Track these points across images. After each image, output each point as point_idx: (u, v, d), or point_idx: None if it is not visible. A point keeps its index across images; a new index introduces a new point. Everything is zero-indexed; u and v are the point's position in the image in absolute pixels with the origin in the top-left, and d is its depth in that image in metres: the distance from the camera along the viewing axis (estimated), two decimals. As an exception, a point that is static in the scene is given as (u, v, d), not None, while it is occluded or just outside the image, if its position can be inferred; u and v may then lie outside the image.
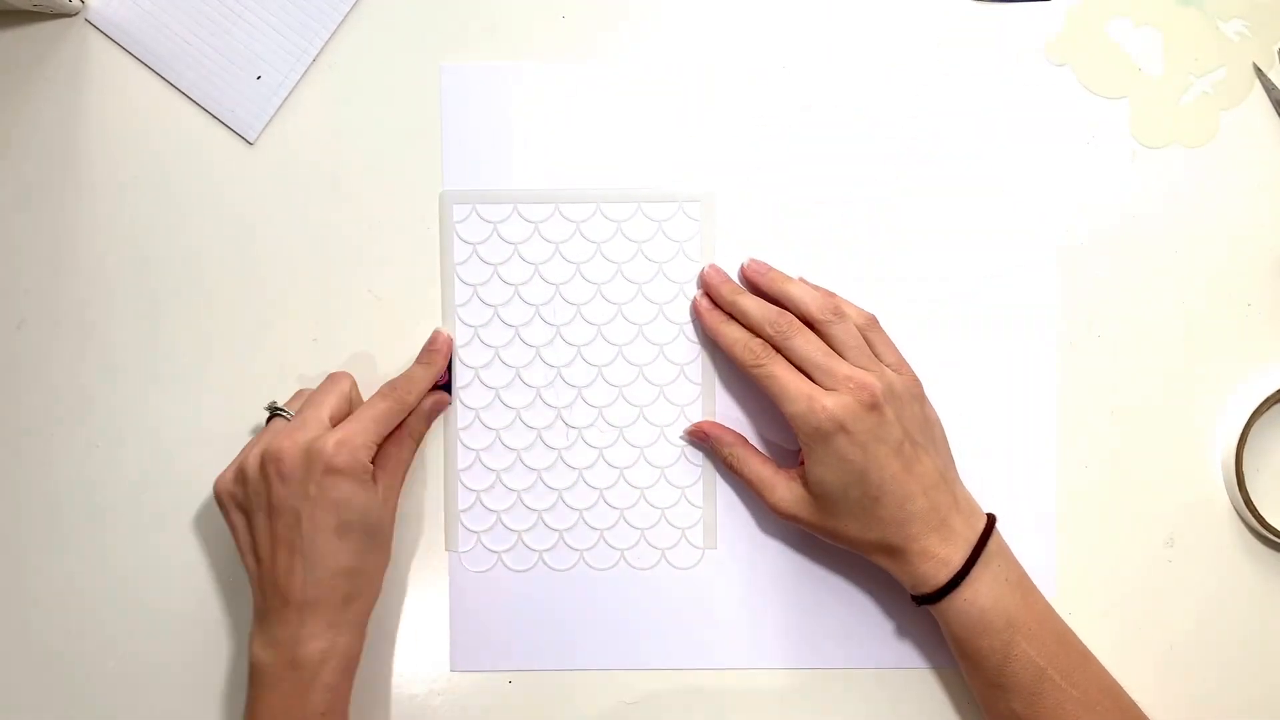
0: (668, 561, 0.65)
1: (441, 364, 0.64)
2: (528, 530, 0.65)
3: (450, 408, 0.65)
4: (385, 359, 0.65)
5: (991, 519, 0.60)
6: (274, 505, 0.58)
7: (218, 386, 0.65)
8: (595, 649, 0.65)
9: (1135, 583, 0.65)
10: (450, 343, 0.65)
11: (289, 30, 0.65)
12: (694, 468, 0.65)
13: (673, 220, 0.65)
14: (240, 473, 0.59)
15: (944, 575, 0.58)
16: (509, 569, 0.65)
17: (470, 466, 0.65)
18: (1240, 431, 0.63)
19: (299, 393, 0.64)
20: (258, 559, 0.59)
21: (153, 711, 0.64)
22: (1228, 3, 0.65)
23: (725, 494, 0.65)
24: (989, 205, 0.65)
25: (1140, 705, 0.59)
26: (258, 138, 0.65)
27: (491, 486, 0.65)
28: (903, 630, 0.64)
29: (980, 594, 0.58)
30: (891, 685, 0.65)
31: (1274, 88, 0.65)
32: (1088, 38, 0.65)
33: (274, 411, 0.62)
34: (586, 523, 0.65)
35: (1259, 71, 0.65)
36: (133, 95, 0.65)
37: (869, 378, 0.59)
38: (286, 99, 0.66)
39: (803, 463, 0.60)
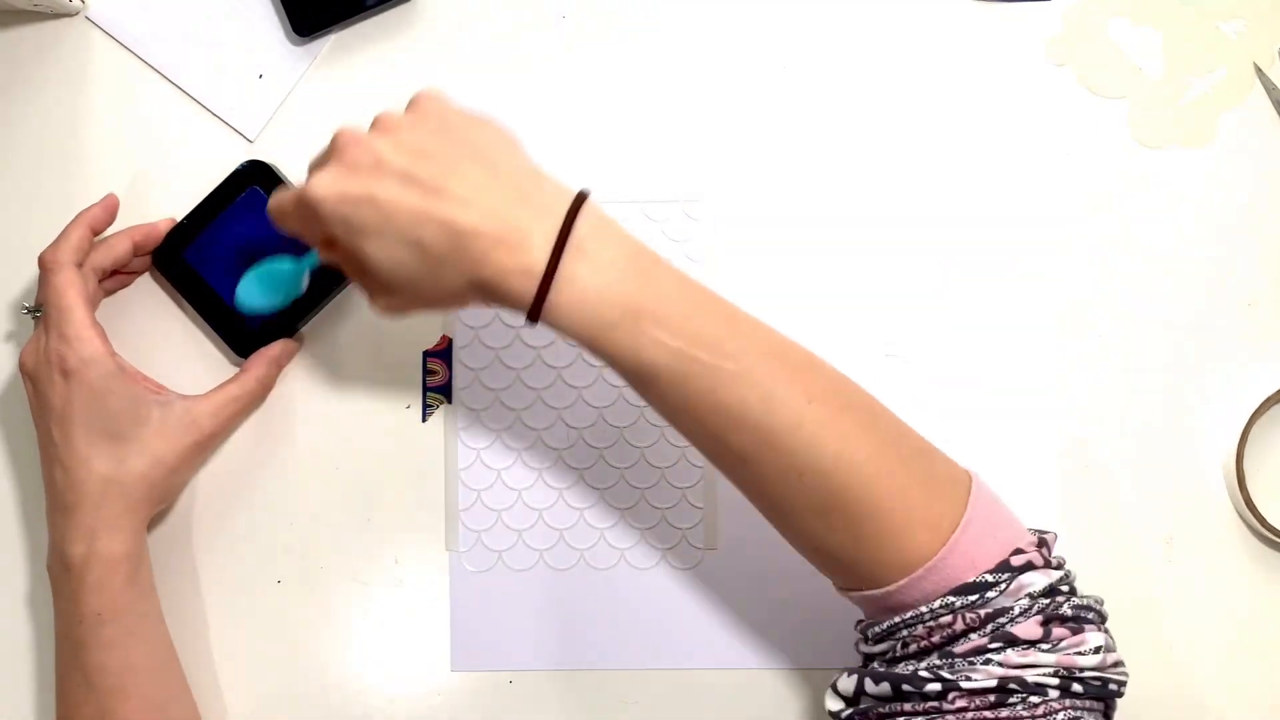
0: (668, 562, 0.65)
1: (99, 215, 0.62)
2: (528, 529, 0.65)
3: (451, 408, 0.65)
4: (386, 359, 0.65)
5: (580, 196, 0.50)
6: (35, 417, 0.60)
7: (205, 382, 0.65)
8: (595, 649, 0.65)
9: (1135, 583, 0.65)
10: (116, 203, 0.63)
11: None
12: (694, 469, 0.65)
13: (673, 220, 0.65)
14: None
15: (529, 285, 0.48)
16: (509, 568, 0.65)
17: (471, 466, 0.65)
18: (1240, 431, 0.63)
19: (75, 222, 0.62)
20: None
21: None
22: (1228, 3, 0.65)
23: (726, 495, 0.65)
24: (989, 205, 0.65)
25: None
26: (258, 136, 0.65)
27: (492, 485, 0.65)
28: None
29: (581, 289, 0.48)
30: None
31: (1274, 88, 0.65)
32: (1088, 38, 0.66)
33: (29, 311, 0.62)
34: (587, 522, 0.65)
35: (1259, 71, 0.65)
36: (133, 95, 0.65)
37: (343, 130, 0.51)
38: (286, 99, 0.66)
39: None
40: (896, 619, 0.50)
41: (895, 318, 0.65)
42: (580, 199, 0.50)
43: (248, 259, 0.64)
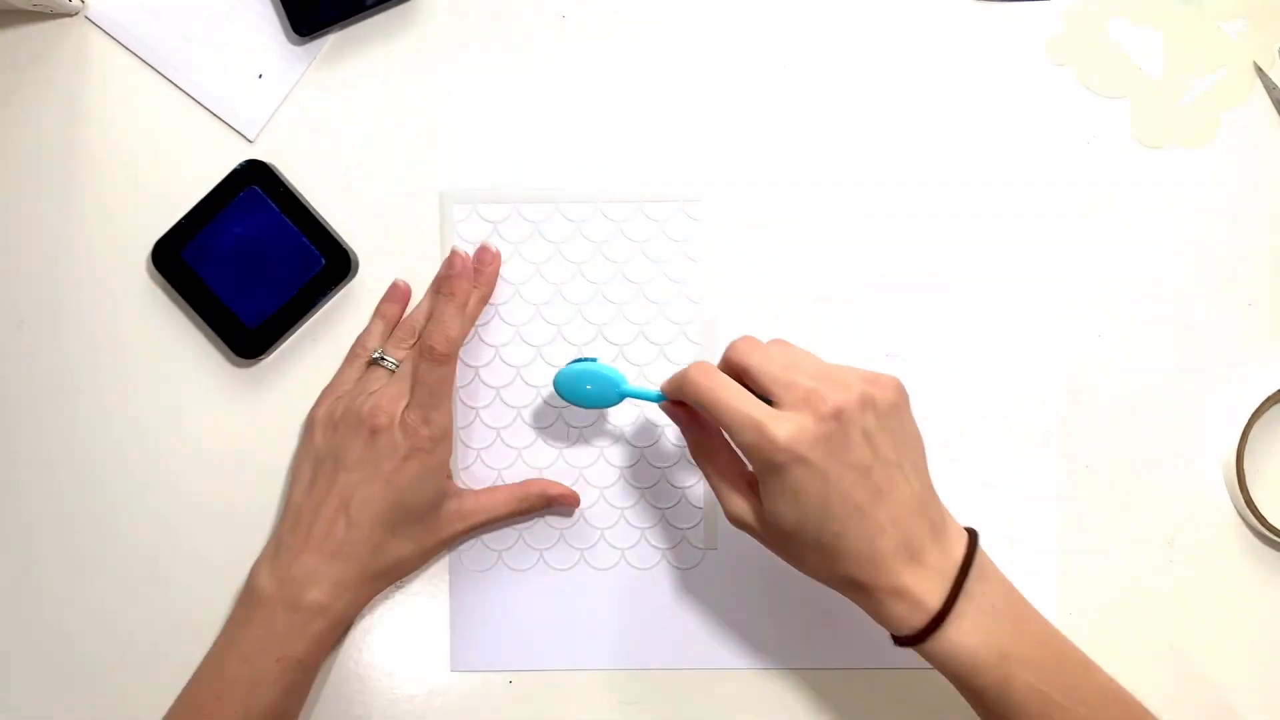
0: (668, 562, 0.65)
1: (466, 288, 0.63)
2: (528, 529, 0.65)
3: (453, 410, 0.65)
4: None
5: (973, 540, 0.54)
6: (348, 461, 0.59)
7: (219, 386, 0.65)
8: (595, 649, 0.64)
9: (1135, 583, 0.65)
10: (467, 260, 0.64)
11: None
12: (695, 469, 0.65)
13: (673, 220, 0.65)
14: (335, 414, 0.61)
15: (920, 619, 0.51)
16: (509, 568, 0.65)
17: (472, 465, 0.65)
18: (1240, 431, 0.63)
19: (378, 315, 0.64)
20: (305, 494, 0.60)
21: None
22: (1228, 3, 0.65)
23: (725, 494, 0.65)
24: (989, 205, 0.65)
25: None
26: (258, 136, 0.65)
27: (494, 484, 0.65)
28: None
29: (966, 632, 0.51)
30: (891, 685, 0.64)
31: (1274, 87, 0.65)
32: (1088, 38, 0.66)
33: (379, 359, 0.62)
34: (587, 522, 0.65)
35: (1259, 71, 0.65)
36: (133, 94, 0.65)
37: (833, 390, 0.51)
38: (286, 98, 0.66)
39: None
40: None
41: (895, 317, 0.65)
42: (973, 541, 0.53)
43: (246, 259, 0.64)
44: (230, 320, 0.64)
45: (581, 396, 0.61)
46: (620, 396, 0.61)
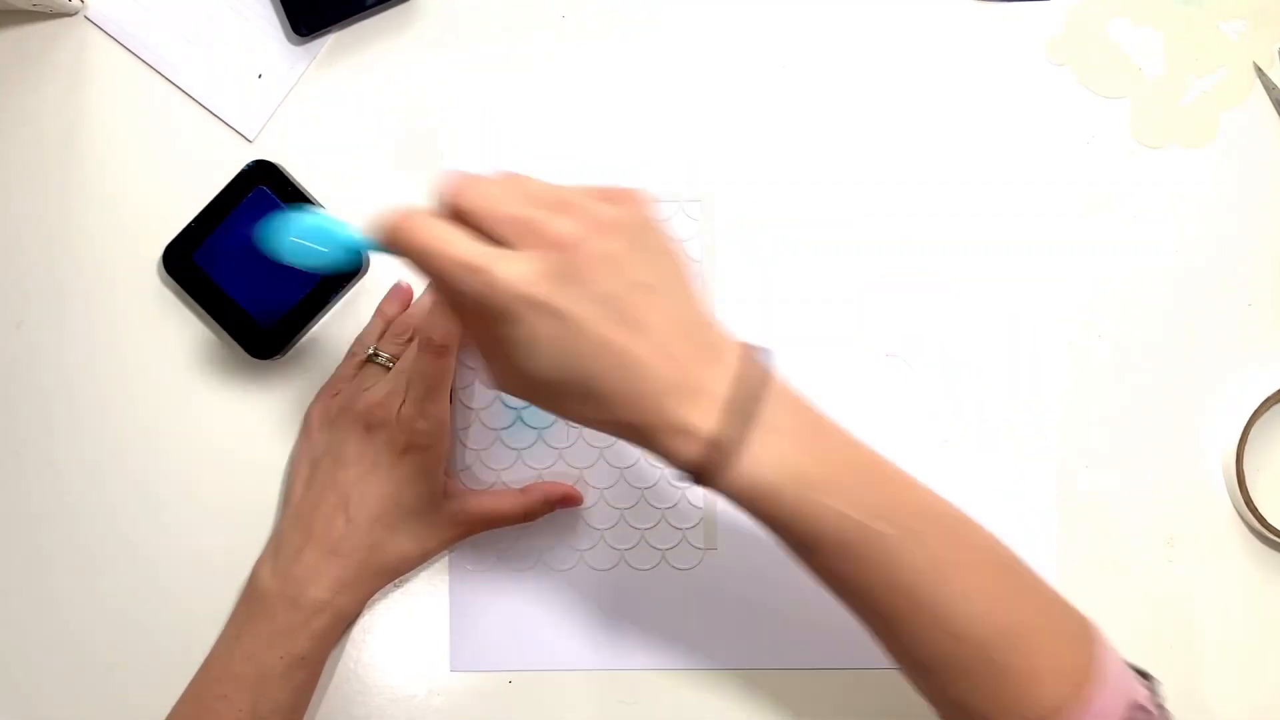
0: (668, 562, 0.65)
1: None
2: (528, 529, 0.65)
3: (452, 407, 0.65)
4: (385, 359, 0.65)
5: (758, 354, 0.48)
6: (346, 458, 0.59)
7: (220, 386, 0.65)
8: (595, 649, 0.65)
9: (1135, 583, 0.65)
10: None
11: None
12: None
13: (673, 220, 0.65)
14: (331, 411, 0.61)
15: (696, 449, 0.45)
16: (509, 568, 0.65)
17: (471, 466, 0.65)
18: (1240, 431, 0.63)
19: (378, 314, 0.64)
20: (304, 491, 0.61)
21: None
22: (1228, 3, 0.65)
23: (725, 494, 0.65)
24: (989, 205, 0.65)
25: None
26: (257, 136, 0.65)
27: (493, 486, 0.65)
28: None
29: (756, 460, 0.46)
30: (891, 685, 0.64)
31: (1274, 87, 0.65)
32: (1088, 38, 0.66)
33: (373, 356, 0.62)
34: (587, 523, 0.65)
35: (1259, 71, 0.65)
36: (133, 94, 0.65)
37: (563, 216, 0.45)
38: (286, 98, 0.66)
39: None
40: None
41: (895, 318, 0.65)
42: (758, 358, 0.47)
43: (257, 259, 0.64)
44: (244, 321, 0.64)
45: (295, 252, 0.51)
46: (347, 251, 0.51)
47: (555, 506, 0.64)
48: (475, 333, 0.48)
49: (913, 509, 0.49)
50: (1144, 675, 0.53)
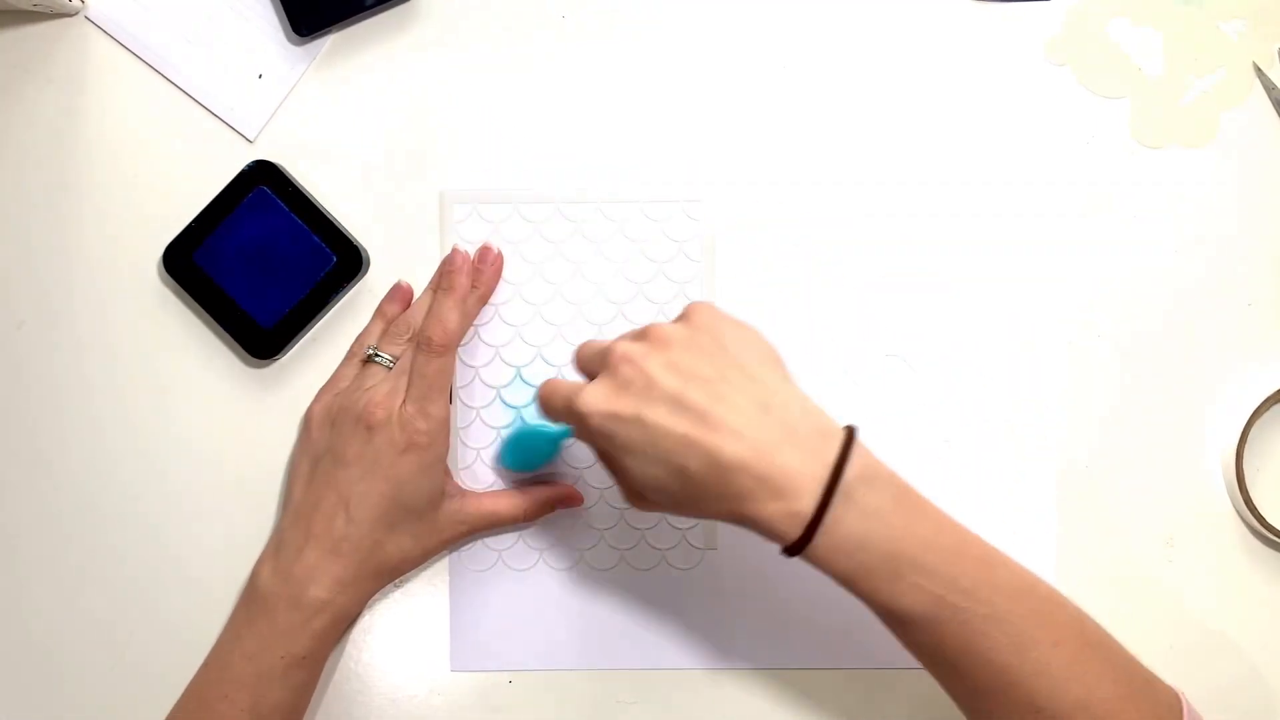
0: (668, 562, 0.65)
1: (465, 283, 0.63)
2: (528, 529, 0.65)
3: (452, 406, 0.65)
4: (385, 359, 0.65)
5: (849, 434, 0.50)
6: (346, 458, 0.59)
7: (220, 385, 0.65)
8: (595, 649, 0.64)
9: (1135, 583, 0.65)
10: (467, 257, 0.64)
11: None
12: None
13: (673, 220, 0.65)
14: (332, 411, 0.61)
15: (795, 529, 0.48)
16: (509, 568, 0.65)
17: (471, 465, 0.65)
18: (1240, 431, 0.63)
19: (378, 314, 0.64)
20: (304, 490, 0.61)
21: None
22: (1228, 3, 0.65)
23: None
24: (989, 205, 0.65)
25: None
26: (257, 136, 0.65)
27: (493, 485, 0.65)
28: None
29: (846, 535, 0.49)
30: (891, 686, 0.65)
31: (1274, 87, 0.65)
32: (1088, 38, 0.66)
33: (373, 356, 0.62)
34: (587, 523, 0.65)
35: (1259, 71, 0.65)
36: (133, 94, 0.65)
37: (625, 341, 0.52)
38: (286, 99, 0.66)
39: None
40: None
41: (895, 318, 0.65)
42: (849, 438, 0.50)
43: (258, 259, 0.64)
44: (245, 321, 0.64)
45: (525, 461, 0.63)
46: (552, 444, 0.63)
47: (555, 507, 0.64)
48: (603, 460, 0.54)
49: (995, 586, 0.51)
50: None
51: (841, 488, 0.49)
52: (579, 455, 0.65)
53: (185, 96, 0.65)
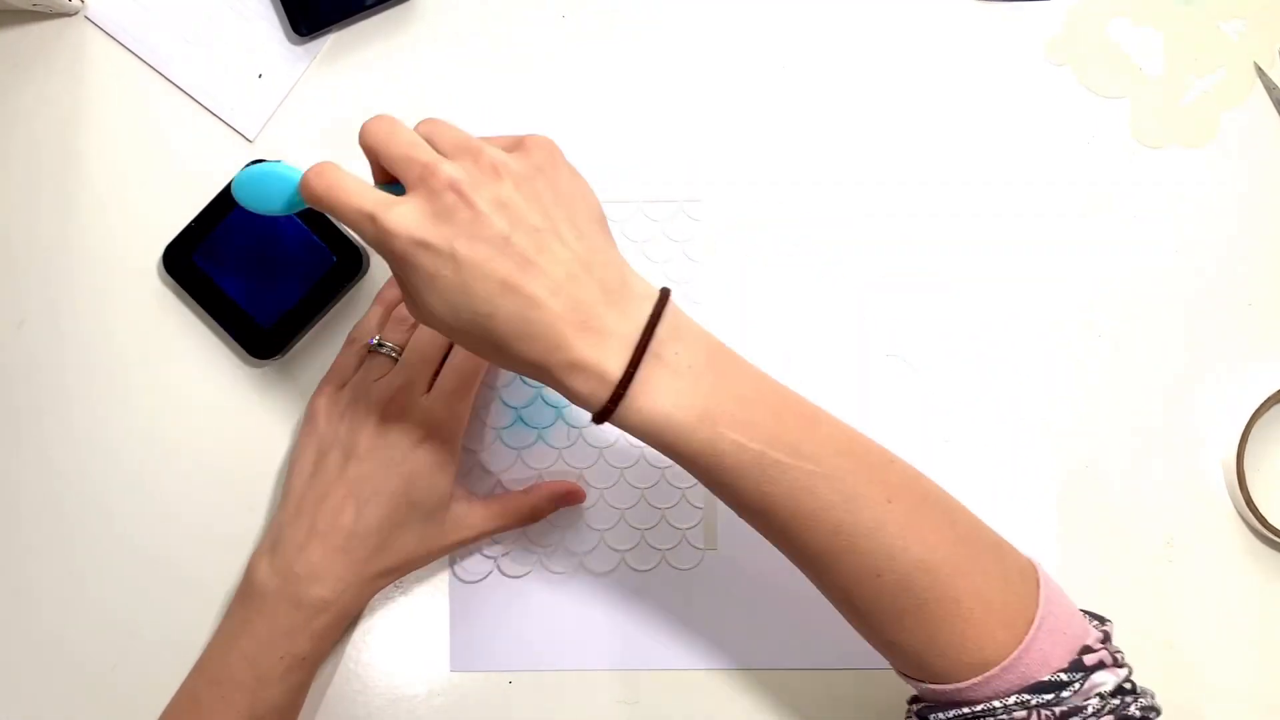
0: (668, 563, 0.65)
1: None
2: (528, 530, 0.65)
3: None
4: (385, 359, 0.65)
5: (663, 295, 0.49)
6: (358, 451, 0.58)
7: (220, 385, 0.65)
8: (595, 649, 0.64)
9: (1135, 583, 0.65)
10: None
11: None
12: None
13: (673, 220, 0.65)
14: (341, 402, 0.59)
15: (604, 391, 0.47)
16: (509, 568, 0.65)
17: (472, 467, 0.65)
18: (1240, 431, 0.63)
19: (379, 300, 0.63)
20: (308, 483, 0.59)
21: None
22: (1228, 3, 0.65)
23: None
24: (989, 205, 0.65)
25: None
26: (257, 136, 0.65)
27: (493, 490, 0.65)
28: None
29: (657, 396, 0.47)
30: (891, 687, 0.64)
31: (1274, 87, 0.65)
32: (1088, 38, 0.66)
33: (378, 346, 0.60)
34: (587, 523, 0.65)
35: (1259, 71, 0.65)
36: (133, 94, 0.65)
37: (454, 162, 0.47)
38: (286, 98, 0.66)
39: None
40: (965, 710, 0.49)
41: (895, 317, 0.65)
42: (662, 300, 0.48)
43: (258, 259, 0.64)
44: (245, 321, 0.64)
45: (258, 199, 0.54)
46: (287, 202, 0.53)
47: (559, 504, 0.63)
48: (395, 275, 0.49)
49: (826, 443, 0.49)
50: (1099, 619, 0.52)
51: (651, 346, 0.47)
52: (580, 456, 0.65)
53: (185, 96, 0.65)
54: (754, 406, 0.48)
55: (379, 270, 0.65)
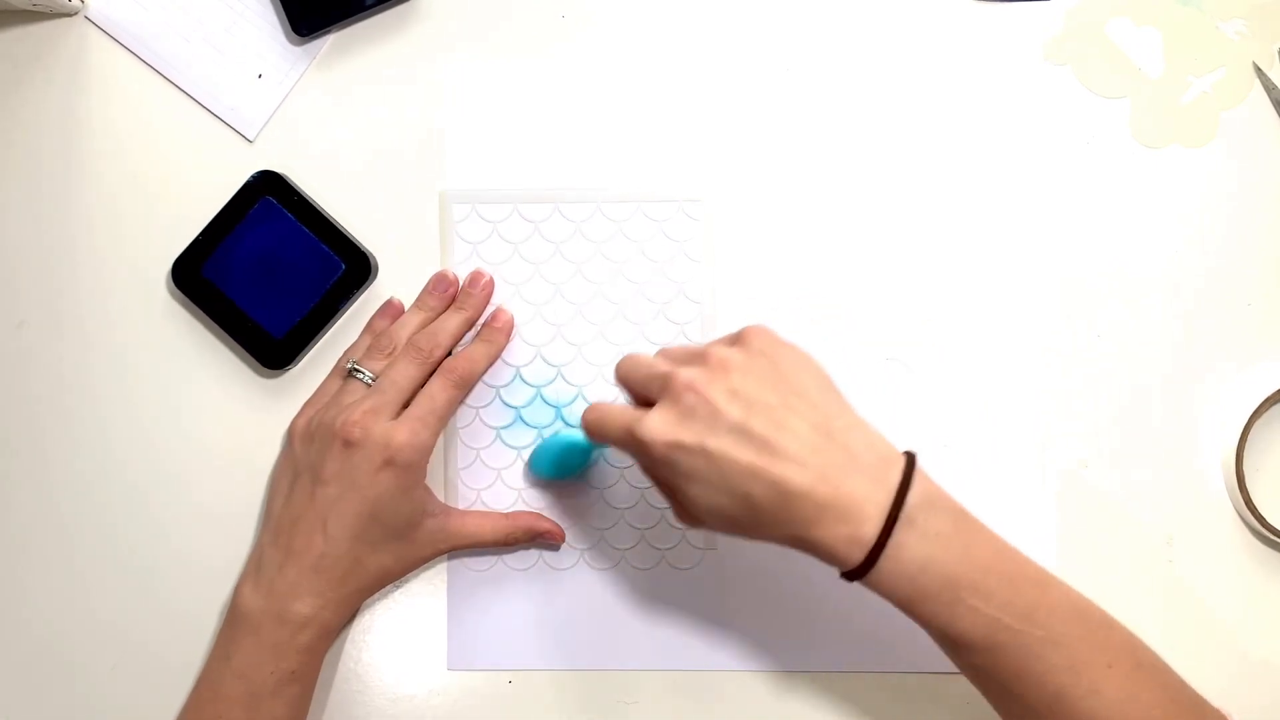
0: (668, 562, 0.65)
1: (503, 342, 0.64)
2: (528, 530, 0.65)
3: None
4: (385, 359, 0.65)
5: (909, 461, 0.51)
6: (324, 475, 0.58)
7: (219, 386, 0.65)
8: (594, 649, 0.64)
9: (1135, 583, 0.65)
10: (512, 321, 0.64)
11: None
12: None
13: (673, 220, 0.65)
14: (311, 428, 0.60)
15: (858, 554, 0.49)
16: (509, 568, 0.65)
17: (470, 465, 0.65)
18: (1240, 431, 0.63)
19: (367, 329, 0.64)
20: (284, 506, 0.60)
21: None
22: (1228, 3, 0.65)
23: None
24: (989, 205, 0.65)
25: None
26: (257, 136, 0.65)
27: (492, 485, 0.65)
28: (903, 633, 0.64)
29: (906, 560, 0.49)
30: (891, 688, 0.64)
31: (1274, 88, 0.65)
32: (1087, 38, 0.66)
33: (354, 371, 0.61)
34: (588, 523, 0.65)
35: (1259, 71, 0.65)
36: (133, 94, 0.65)
37: (685, 367, 0.52)
38: (286, 98, 0.66)
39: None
40: None
41: (895, 318, 0.65)
42: (909, 464, 0.51)
43: (267, 270, 0.64)
44: (256, 332, 0.64)
45: (558, 468, 0.64)
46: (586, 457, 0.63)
47: (535, 539, 0.64)
48: (660, 485, 0.54)
49: (1049, 608, 0.51)
50: None
51: (904, 513, 0.49)
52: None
53: (185, 96, 0.65)
54: (992, 573, 0.51)
55: (387, 276, 0.65)
